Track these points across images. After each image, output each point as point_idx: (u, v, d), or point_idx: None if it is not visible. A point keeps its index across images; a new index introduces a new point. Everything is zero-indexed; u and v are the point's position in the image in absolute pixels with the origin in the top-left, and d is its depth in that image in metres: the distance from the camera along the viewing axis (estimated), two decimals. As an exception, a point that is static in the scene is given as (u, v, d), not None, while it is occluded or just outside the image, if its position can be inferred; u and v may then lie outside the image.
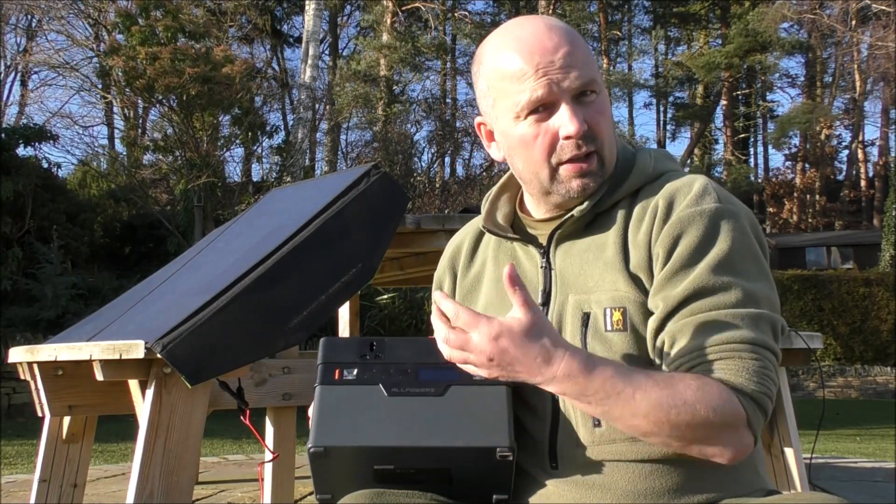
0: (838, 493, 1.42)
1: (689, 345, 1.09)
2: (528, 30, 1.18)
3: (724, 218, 1.14)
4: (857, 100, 29.84)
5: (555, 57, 1.15)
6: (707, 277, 1.11)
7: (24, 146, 13.47)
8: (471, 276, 1.34)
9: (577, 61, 1.16)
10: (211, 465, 5.09)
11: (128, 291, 2.93)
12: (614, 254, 1.17)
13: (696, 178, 1.19)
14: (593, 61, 1.19)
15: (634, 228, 1.18)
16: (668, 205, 1.16)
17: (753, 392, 1.06)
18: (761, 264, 1.15)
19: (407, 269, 3.47)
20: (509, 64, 1.17)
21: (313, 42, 17.36)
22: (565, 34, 1.17)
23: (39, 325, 10.60)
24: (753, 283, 1.12)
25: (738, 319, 1.09)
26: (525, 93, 1.16)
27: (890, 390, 14.16)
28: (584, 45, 1.19)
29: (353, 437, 1.10)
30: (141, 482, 1.95)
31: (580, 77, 1.15)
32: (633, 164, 1.24)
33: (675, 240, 1.13)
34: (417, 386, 1.14)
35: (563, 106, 1.16)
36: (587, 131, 1.16)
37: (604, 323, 1.15)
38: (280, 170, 16.55)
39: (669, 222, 1.14)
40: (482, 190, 17.37)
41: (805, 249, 23.52)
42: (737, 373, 1.07)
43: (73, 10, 19.38)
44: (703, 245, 1.12)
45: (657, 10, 30.61)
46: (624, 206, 1.21)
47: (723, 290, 1.10)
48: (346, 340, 1.20)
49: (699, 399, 1.04)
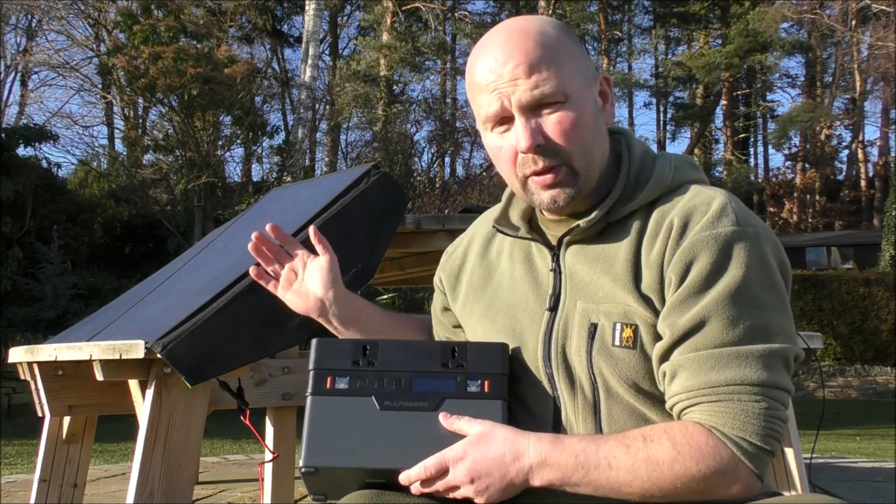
0: (838, 493, 1.42)
1: (688, 383, 1.07)
2: (492, 42, 1.16)
3: (741, 242, 1.09)
4: (857, 100, 29.82)
5: (503, 70, 1.12)
6: (715, 309, 1.06)
7: (25, 146, 13.48)
8: (484, 266, 1.32)
9: (531, 72, 1.11)
10: (211, 465, 5.09)
11: (128, 291, 2.93)
12: (625, 270, 1.13)
13: (715, 195, 1.14)
14: (564, 67, 1.13)
15: (648, 247, 1.14)
16: (683, 225, 1.11)
17: (752, 436, 1.04)
18: (778, 291, 1.10)
19: (407, 269, 3.47)
20: (473, 78, 1.17)
21: (313, 42, 17.34)
22: (522, 44, 1.12)
23: (39, 325, 10.61)
24: (767, 314, 1.07)
25: (743, 358, 1.05)
26: (483, 107, 1.16)
27: (890, 390, 14.16)
28: (550, 49, 1.13)
29: (343, 457, 1.10)
30: (141, 482, 1.95)
31: (529, 90, 1.11)
32: (651, 173, 1.19)
33: (688, 265, 1.09)
34: (411, 399, 1.12)
35: (516, 119, 1.14)
36: (544, 146, 1.13)
37: (612, 337, 1.12)
38: (280, 170, 16.55)
39: (683, 246, 1.10)
40: (482, 190, 17.38)
41: (805, 249, 23.51)
42: (734, 417, 1.04)
43: (73, 10, 19.39)
44: (714, 272, 1.08)
45: (657, 10, 30.58)
46: (639, 218, 1.16)
47: (731, 325, 1.06)
48: (338, 343, 1.18)
49: (676, 457, 1.03)
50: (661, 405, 1.13)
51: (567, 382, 1.15)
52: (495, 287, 1.28)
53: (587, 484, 1.05)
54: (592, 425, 1.14)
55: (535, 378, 1.18)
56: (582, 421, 1.14)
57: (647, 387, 1.12)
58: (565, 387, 1.15)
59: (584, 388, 1.14)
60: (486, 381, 1.14)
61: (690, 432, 1.04)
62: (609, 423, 1.13)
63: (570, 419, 1.15)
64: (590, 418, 1.14)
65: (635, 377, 1.12)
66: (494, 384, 1.14)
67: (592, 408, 1.14)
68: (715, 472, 1.03)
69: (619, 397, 1.13)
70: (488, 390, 1.14)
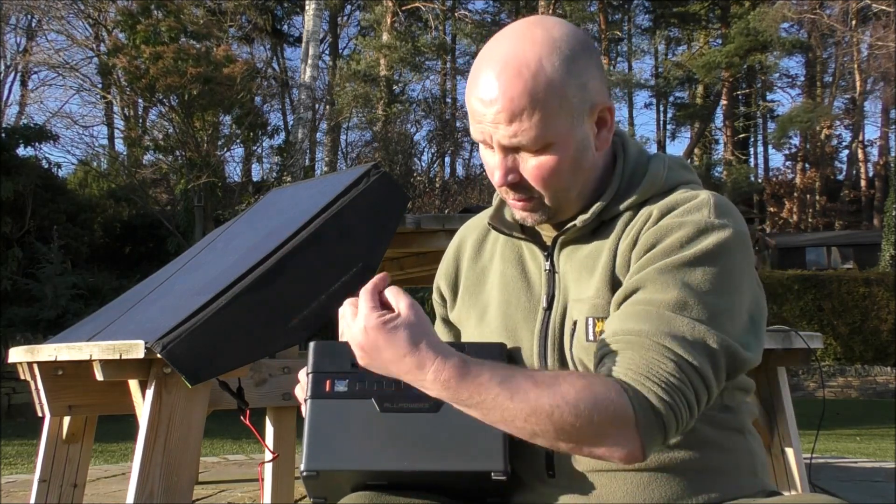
0: (838, 493, 1.42)
1: (610, 329, 1.07)
2: (484, 69, 1.12)
3: (709, 231, 1.09)
4: (856, 100, 29.84)
5: (487, 110, 1.11)
6: (659, 275, 1.07)
7: (25, 146, 13.49)
8: (477, 269, 1.32)
9: (512, 118, 1.09)
10: (211, 465, 5.09)
11: (128, 291, 2.93)
12: (605, 264, 1.15)
13: (700, 194, 1.15)
14: (546, 117, 1.09)
15: (626, 238, 1.15)
16: (661, 215, 1.13)
17: (651, 395, 0.99)
18: (731, 284, 1.07)
19: (407, 269, 3.47)
20: (468, 94, 1.16)
21: (313, 42, 17.35)
22: (509, 90, 1.08)
23: (39, 325, 10.62)
24: (711, 298, 1.05)
25: (671, 321, 1.03)
26: (472, 125, 1.16)
27: (890, 390, 14.17)
28: (533, 101, 1.08)
29: (345, 460, 1.09)
30: (141, 482, 1.95)
31: (507, 137, 1.11)
32: (644, 173, 1.20)
33: (652, 245, 1.10)
34: (410, 400, 1.11)
35: (495, 152, 1.14)
36: (518, 183, 1.15)
37: (586, 332, 1.13)
38: (280, 170, 16.55)
39: (652, 230, 1.12)
40: (482, 190, 17.38)
41: (805, 249, 23.53)
42: (644, 370, 1.01)
43: (73, 10, 19.39)
44: (672, 248, 1.08)
45: (657, 10, 30.60)
46: (628, 216, 1.18)
47: (669, 289, 1.05)
48: (336, 345, 1.16)
49: (582, 398, 0.97)
50: None
51: None
52: (489, 289, 1.29)
53: (476, 412, 1.01)
54: None
55: None
56: None
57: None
58: None
59: None
60: None
61: (599, 379, 1.01)
62: None
63: None
64: None
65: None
66: None
67: None
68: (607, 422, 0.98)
69: None
70: None
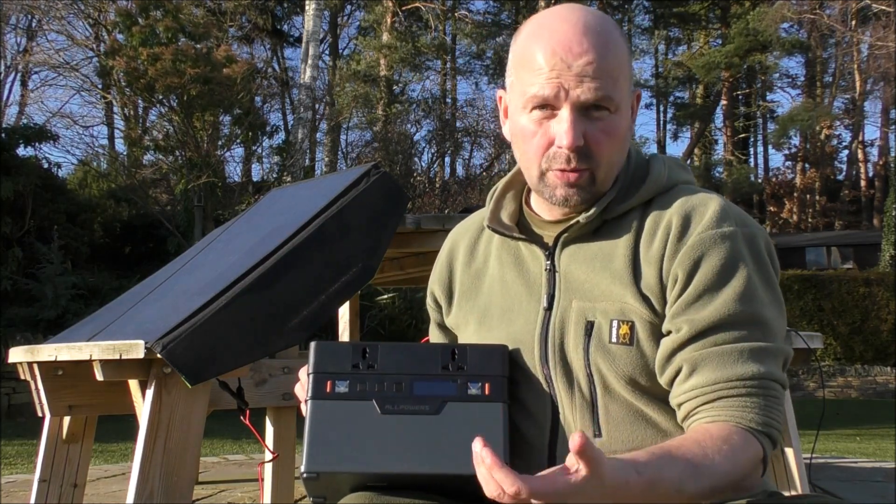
0: (838, 493, 1.43)
1: (712, 376, 1.10)
2: (565, 26, 1.13)
3: (745, 242, 1.14)
4: (856, 100, 29.83)
5: (575, 63, 1.10)
6: (733, 307, 1.10)
7: (25, 146, 13.47)
8: (472, 272, 1.31)
9: (599, 74, 1.11)
10: (211, 465, 5.09)
11: (128, 291, 2.93)
12: (623, 267, 1.15)
13: (710, 197, 1.17)
14: (622, 79, 1.13)
15: (646, 243, 1.16)
16: (683, 223, 1.14)
17: (769, 429, 1.09)
18: (776, 290, 1.16)
19: (407, 269, 3.47)
20: (532, 54, 1.14)
21: (313, 42, 17.34)
22: (598, 44, 1.11)
23: (39, 325, 10.61)
24: (769, 313, 1.13)
25: (757, 354, 1.10)
26: (535, 86, 1.13)
27: (890, 390, 14.16)
28: (618, 59, 1.13)
29: (345, 462, 1.09)
30: (141, 482, 1.95)
31: (593, 91, 1.11)
32: (646, 172, 1.21)
33: (696, 262, 1.12)
34: (411, 402, 1.11)
35: (565, 113, 1.12)
36: (582, 148, 1.13)
37: (608, 334, 1.13)
38: (280, 170, 16.54)
39: (689, 244, 1.13)
40: (482, 190, 17.38)
41: (805, 249, 23.50)
42: (759, 411, 1.08)
43: (73, 10, 19.38)
44: (726, 271, 1.11)
45: (657, 10, 30.58)
46: (636, 217, 1.18)
47: (747, 323, 1.11)
48: (337, 346, 1.16)
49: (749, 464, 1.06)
50: (658, 402, 1.14)
51: (564, 381, 1.16)
52: (487, 293, 1.28)
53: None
54: (590, 424, 1.14)
55: (532, 379, 1.18)
56: (580, 419, 1.15)
57: (644, 383, 1.13)
58: (563, 386, 1.16)
59: (582, 387, 1.15)
60: (487, 384, 1.14)
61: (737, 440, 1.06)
62: (606, 420, 1.14)
63: (567, 418, 1.16)
64: (587, 416, 1.15)
65: (632, 373, 1.13)
66: (495, 386, 1.14)
67: (590, 406, 1.15)
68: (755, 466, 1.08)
69: (616, 394, 1.14)
70: (489, 393, 1.13)
